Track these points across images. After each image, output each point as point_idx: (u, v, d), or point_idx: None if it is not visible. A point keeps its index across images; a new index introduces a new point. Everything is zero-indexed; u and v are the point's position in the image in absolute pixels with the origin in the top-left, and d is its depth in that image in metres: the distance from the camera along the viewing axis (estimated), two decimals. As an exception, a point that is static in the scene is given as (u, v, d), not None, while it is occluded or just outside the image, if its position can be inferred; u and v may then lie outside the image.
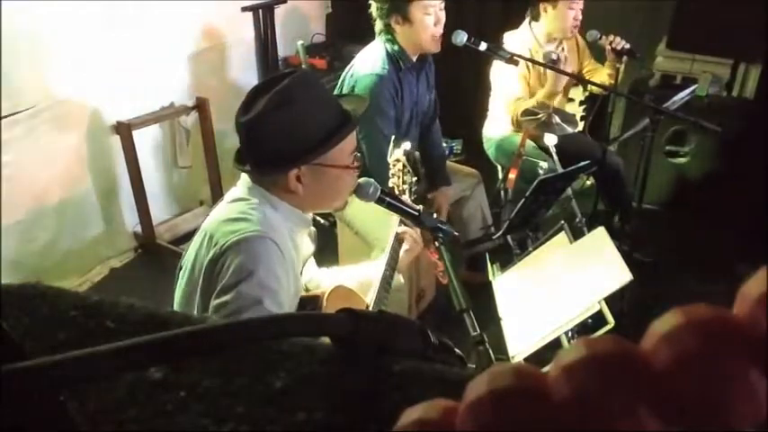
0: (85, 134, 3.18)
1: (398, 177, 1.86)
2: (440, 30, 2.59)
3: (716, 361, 0.20)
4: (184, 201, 3.87)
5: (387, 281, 1.66)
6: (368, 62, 2.62)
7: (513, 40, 3.16)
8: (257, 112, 1.42)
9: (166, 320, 0.50)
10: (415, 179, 1.90)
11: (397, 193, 1.84)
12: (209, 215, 1.54)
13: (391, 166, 1.89)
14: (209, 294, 1.40)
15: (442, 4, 2.60)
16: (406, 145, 1.93)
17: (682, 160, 3.66)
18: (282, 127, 1.43)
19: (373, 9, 2.63)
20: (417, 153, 2.86)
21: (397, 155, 1.88)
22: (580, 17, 3.08)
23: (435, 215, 1.71)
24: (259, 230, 1.40)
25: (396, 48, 2.61)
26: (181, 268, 1.56)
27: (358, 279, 1.83)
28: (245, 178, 1.53)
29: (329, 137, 1.46)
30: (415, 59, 2.67)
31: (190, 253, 1.52)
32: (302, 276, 1.65)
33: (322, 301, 1.56)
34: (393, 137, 2.06)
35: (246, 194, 1.50)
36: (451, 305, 1.41)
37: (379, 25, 2.63)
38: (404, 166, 1.86)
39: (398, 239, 1.77)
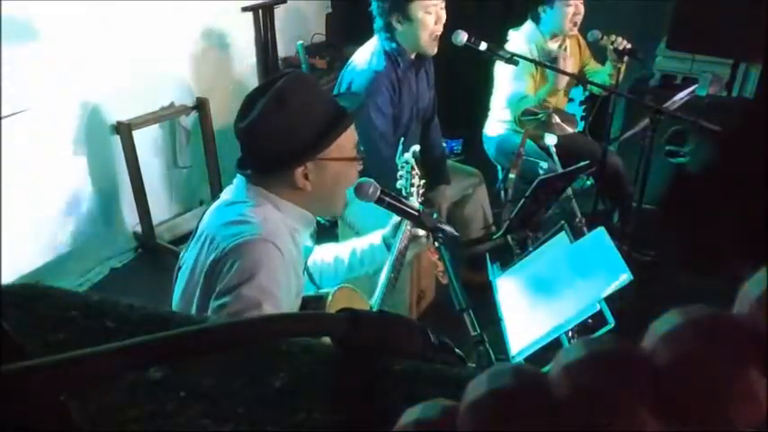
0: (85, 134, 3.18)
1: (407, 180, 1.87)
2: (440, 29, 2.59)
3: (716, 361, 0.20)
4: (184, 201, 3.87)
5: (391, 284, 1.66)
6: (365, 59, 2.63)
7: (518, 37, 3.17)
8: (255, 116, 1.42)
9: (166, 320, 0.50)
10: (423, 182, 1.90)
11: (405, 195, 1.84)
12: (204, 216, 1.53)
13: (399, 168, 1.89)
14: (208, 296, 1.39)
15: (443, 3, 2.59)
16: (416, 148, 1.93)
17: (682, 160, 3.66)
18: (282, 127, 1.43)
19: (374, 7, 2.63)
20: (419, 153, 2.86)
21: (405, 157, 1.89)
22: (581, 11, 3.09)
23: (435, 215, 1.71)
24: (261, 234, 1.39)
25: (394, 45, 2.61)
26: (179, 269, 1.55)
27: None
28: (241, 180, 1.52)
29: (331, 130, 1.46)
30: (413, 57, 2.67)
31: (189, 254, 1.51)
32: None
33: (325, 301, 1.56)
34: (402, 139, 2.06)
35: (245, 197, 1.49)
36: (451, 305, 1.41)
37: (378, 23, 2.63)
38: (412, 168, 1.86)
39: (405, 246, 1.77)
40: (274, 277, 1.37)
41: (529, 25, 3.20)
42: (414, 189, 1.87)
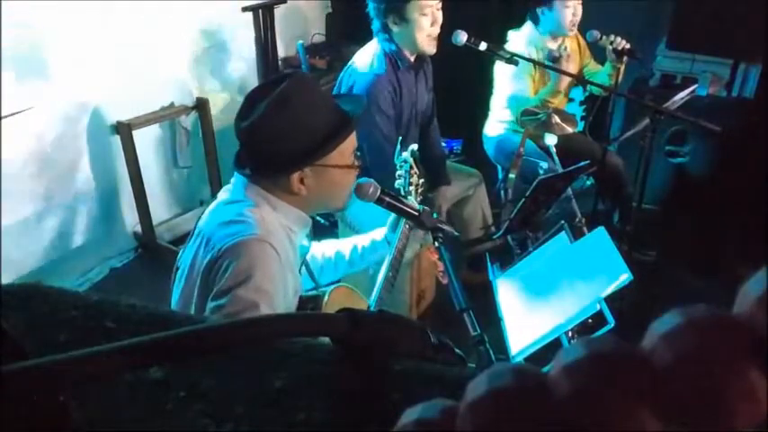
0: (86, 134, 3.18)
1: (405, 179, 1.87)
2: (436, 30, 2.59)
3: (716, 361, 0.20)
4: (184, 201, 3.87)
5: (389, 283, 1.66)
6: (366, 62, 2.62)
7: (518, 38, 3.17)
8: (257, 117, 1.41)
9: (166, 320, 0.50)
10: (422, 180, 1.90)
11: (404, 194, 1.84)
12: (203, 215, 1.53)
13: (398, 168, 1.89)
14: (206, 297, 1.39)
15: (439, 5, 2.59)
16: (414, 146, 1.93)
17: (682, 160, 3.66)
18: (283, 130, 1.42)
19: (370, 8, 2.63)
20: (417, 153, 2.86)
21: (404, 156, 1.89)
22: (579, 13, 3.09)
23: (435, 215, 1.71)
24: (256, 234, 1.39)
25: (393, 47, 2.60)
26: (177, 269, 1.55)
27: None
28: (239, 179, 1.52)
29: (331, 138, 1.46)
30: (413, 59, 2.67)
31: (186, 254, 1.51)
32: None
33: (322, 300, 1.56)
34: (400, 138, 2.06)
35: (243, 196, 1.49)
36: (451, 305, 1.41)
37: (376, 25, 2.63)
38: (411, 167, 1.86)
39: (404, 245, 1.76)
40: (270, 277, 1.37)
41: (528, 26, 3.20)
42: (412, 188, 1.87)
